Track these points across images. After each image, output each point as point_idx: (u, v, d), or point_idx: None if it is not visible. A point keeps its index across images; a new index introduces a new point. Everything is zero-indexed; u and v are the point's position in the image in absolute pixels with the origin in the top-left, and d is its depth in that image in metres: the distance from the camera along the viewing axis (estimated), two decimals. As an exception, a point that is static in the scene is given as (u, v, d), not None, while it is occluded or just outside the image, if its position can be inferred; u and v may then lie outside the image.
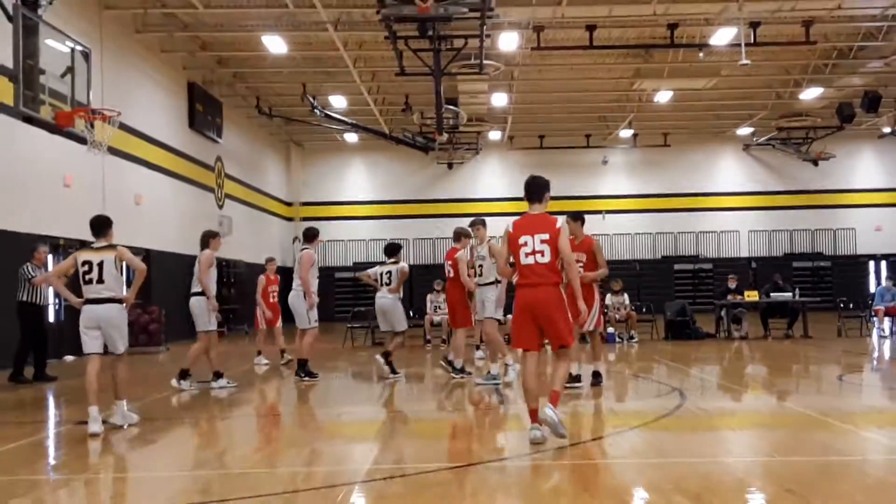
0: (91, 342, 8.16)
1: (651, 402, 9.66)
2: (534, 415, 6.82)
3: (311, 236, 12.12)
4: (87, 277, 8.13)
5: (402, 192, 35.92)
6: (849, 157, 35.50)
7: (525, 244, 6.86)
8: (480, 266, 11.33)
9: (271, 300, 15.14)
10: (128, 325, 8.43)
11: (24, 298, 12.61)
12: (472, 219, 12.28)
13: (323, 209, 35.66)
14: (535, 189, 7.17)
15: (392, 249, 12.65)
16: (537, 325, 6.84)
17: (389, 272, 12.16)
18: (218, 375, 11.33)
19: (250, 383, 12.41)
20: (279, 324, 15.13)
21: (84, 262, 8.16)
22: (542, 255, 6.79)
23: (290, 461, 6.84)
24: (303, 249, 11.89)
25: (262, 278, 15.24)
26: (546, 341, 7.03)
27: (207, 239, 11.46)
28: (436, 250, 35.03)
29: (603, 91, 27.84)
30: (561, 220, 6.94)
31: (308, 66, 24.32)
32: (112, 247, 8.26)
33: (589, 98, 28.81)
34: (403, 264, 12.40)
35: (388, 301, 12.09)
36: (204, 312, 11.13)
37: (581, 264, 9.73)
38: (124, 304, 8.29)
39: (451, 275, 12.48)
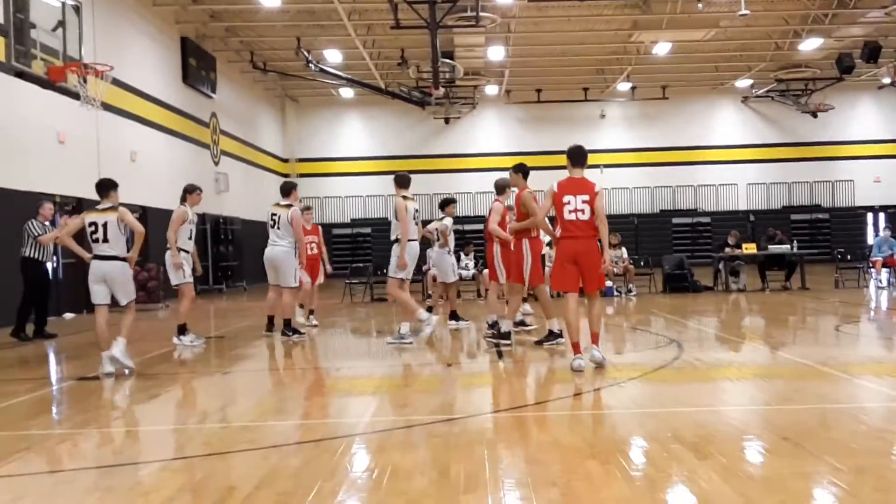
0: (98, 294, 8.88)
1: (649, 354, 9.71)
2: (576, 347, 8.05)
3: (288, 191, 11.94)
4: (93, 237, 8.82)
5: (399, 148, 35.74)
6: (848, 108, 35.34)
7: (568, 203, 8.11)
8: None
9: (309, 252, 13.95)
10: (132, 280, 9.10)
11: (29, 254, 12.54)
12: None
13: (319, 165, 35.54)
14: (580, 156, 8.43)
15: (442, 204, 13.40)
16: (578, 271, 8.07)
17: (436, 228, 12.90)
18: (182, 331, 11.27)
19: (254, 340, 12.45)
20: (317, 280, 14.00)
21: (90, 223, 8.84)
22: (583, 213, 8.06)
23: (290, 415, 6.89)
24: (288, 206, 11.62)
25: None
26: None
27: (185, 193, 11.32)
28: (433, 205, 34.95)
29: (600, 43, 27.59)
30: (599, 185, 8.27)
31: (302, 19, 24.04)
32: (114, 208, 8.85)
33: (586, 51, 28.56)
34: (443, 221, 12.80)
35: (434, 254, 13.20)
36: (170, 267, 11.12)
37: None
38: (127, 262, 8.89)
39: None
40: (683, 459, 4.88)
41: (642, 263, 20.39)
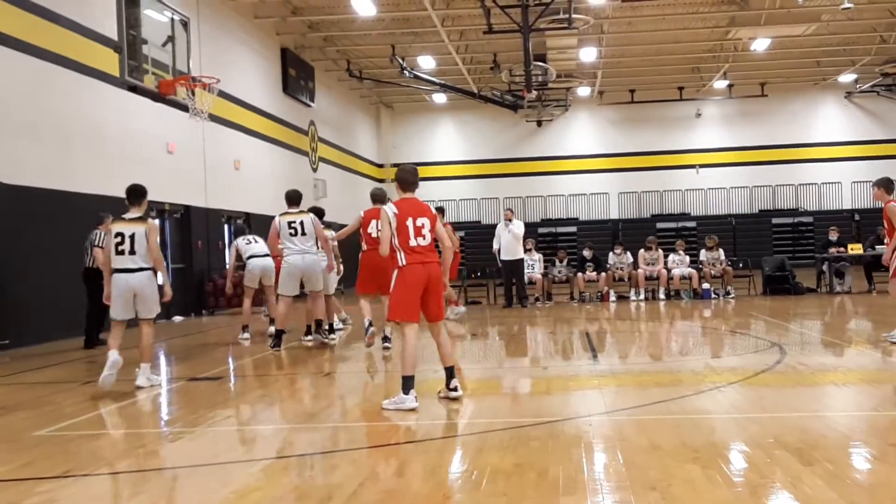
0: (119, 310, 8.43)
1: (750, 357, 9.53)
2: None
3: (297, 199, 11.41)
4: (119, 248, 8.34)
5: (492, 152, 35.85)
6: (960, 101, 33.67)
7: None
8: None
9: None
10: (155, 294, 8.56)
11: (91, 265, 12.38)
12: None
13: (413, 170, 35.93)
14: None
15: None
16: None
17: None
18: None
19: (343, 344, 12.73)
20: None
21: (117, 234, 8.37)
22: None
23: (388, 416, 7.06)
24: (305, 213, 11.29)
25: None
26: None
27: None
28: (526, 208, 34.94)
29: (696, 41, 27.05)
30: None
31: (396, 27, 24.40)
32: (143, 219, 8.50)
33: (681, 49, 28.05)
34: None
35: None
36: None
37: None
38: (153, 272, 8.51)
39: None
40: (787, 465, 4.81)
41: (741, 265, 19.92)
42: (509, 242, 17.25)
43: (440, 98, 33.84)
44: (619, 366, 9.60)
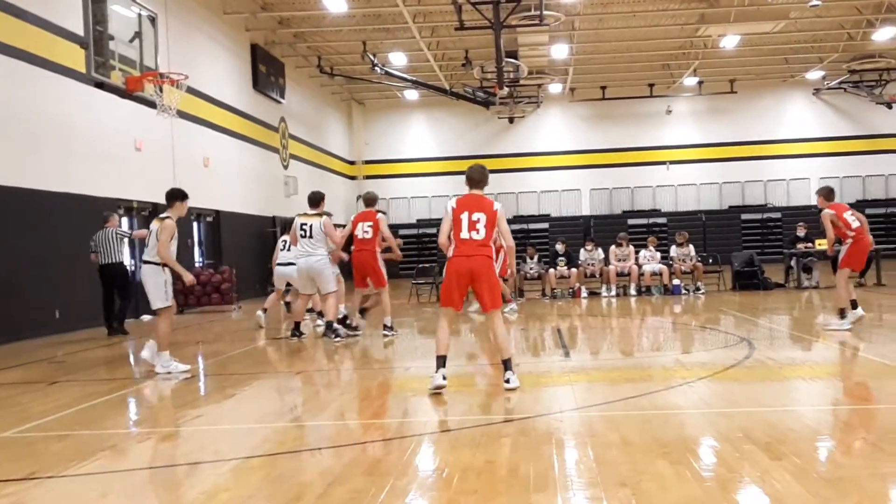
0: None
1: (719, 353, 9.61)
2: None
3: (317, 201, 11.78)
4: (146, 242, 9.47)
5: (464, 148, 35.84)
6: (925, 98, 34.16)
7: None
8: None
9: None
10: (169, 285, 9.29)
11: (107, 261, 13.23)
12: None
13: (385, 167, 35.88)
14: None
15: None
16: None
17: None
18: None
19: (314, 343, 12.67)
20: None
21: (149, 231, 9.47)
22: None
23: (361, 414, 7.03)
24: (318, 215, 11.56)
25: None
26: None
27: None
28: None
29: (666, 38, 27.26)
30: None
31: (368, 23, 24.32)
32: (162, 219, 9.26)
33: (652, 46, 28.24)
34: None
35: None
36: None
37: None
38: (162, 267, 9.14)
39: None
40: (756, 460, 4.85)
41: (710, 261, 20.09)
42: None
43: (412, 95, 33.79)
44: (591, 362, 9.64)
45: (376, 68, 25.79)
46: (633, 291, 18.23)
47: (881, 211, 34.06)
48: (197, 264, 20.06)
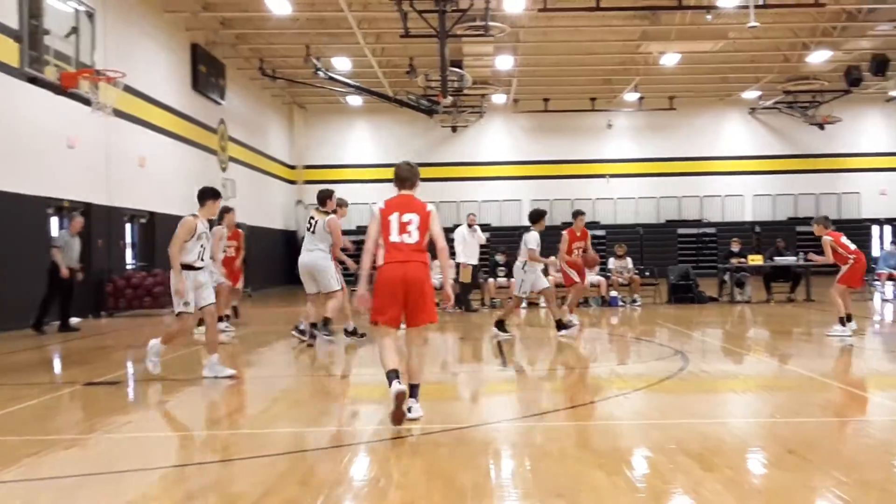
0: None
1: (654, 364, 9.72)
2: None
3: (323, 199, 11.78)
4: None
5: (406, 156, 35.51)
6: (855, 120, 35.26)
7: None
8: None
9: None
10: (176, 289, 8.64)
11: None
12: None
13: (326, 172, 35.58)
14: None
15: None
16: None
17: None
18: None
19: (254, 345, 12.47)
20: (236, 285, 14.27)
21: None
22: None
23: (297, 422, 6.91)
24: (326, 213, 11.55)
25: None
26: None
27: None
28: (439, 214, 34.96)
29: (609, 53, 27.62)
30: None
31: (312, 27, 24.13)
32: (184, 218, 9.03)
33: (595, 61, 28.59)
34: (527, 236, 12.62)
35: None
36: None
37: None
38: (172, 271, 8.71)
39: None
40: (689, 471, 4.90)
41: (647, 274, 20.38)
42: (473, 247, 17.55)
43: (355, 100, 33.64)
44: (528, 372, 9.67)
45: (319, 72, 25.59)
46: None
47: (812, 228, 34.90)
48: (129, 267, 19.61)
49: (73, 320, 16.05)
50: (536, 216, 12.53)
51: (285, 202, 34.22)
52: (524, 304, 18.44)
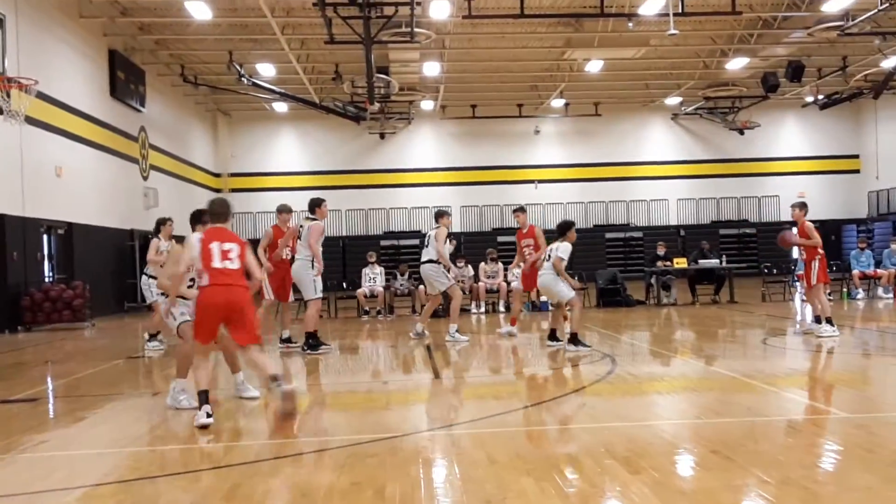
0: None
1: (583, 368, 9.79)
2: None
3: (314, 206, 11.82)
4: None
5: (334, 163, 35.54)
6: (773, 125, 36.36)
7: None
8: None
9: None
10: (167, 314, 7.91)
11: None
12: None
13: (252, 180, 35.12)
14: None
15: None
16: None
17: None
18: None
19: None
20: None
21: None
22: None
23: (222, 436, 6.75)
24: (311, 219, 11.60)
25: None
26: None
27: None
28: (368, 221, 34.87)
29: (535, 60, 27.91)
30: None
31: (234, 32, 23.79)
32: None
33: (521, 67, 28.86)
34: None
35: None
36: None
37: None
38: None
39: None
40: (616, 474, 4.93)
41: (576, 278, 20.52)
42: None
43: (281, 107, 33.27)
44: (459, 379, 9.64)
45: (243, 79, 25.24)
46: (501, 308, 18.45)
47: (734, 231, 35.92)
48: (47, 279, 18.97)
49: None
50: (566, 227, 11.78)
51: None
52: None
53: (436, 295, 13.01)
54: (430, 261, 12.60)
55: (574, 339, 11.02)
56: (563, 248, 11.42)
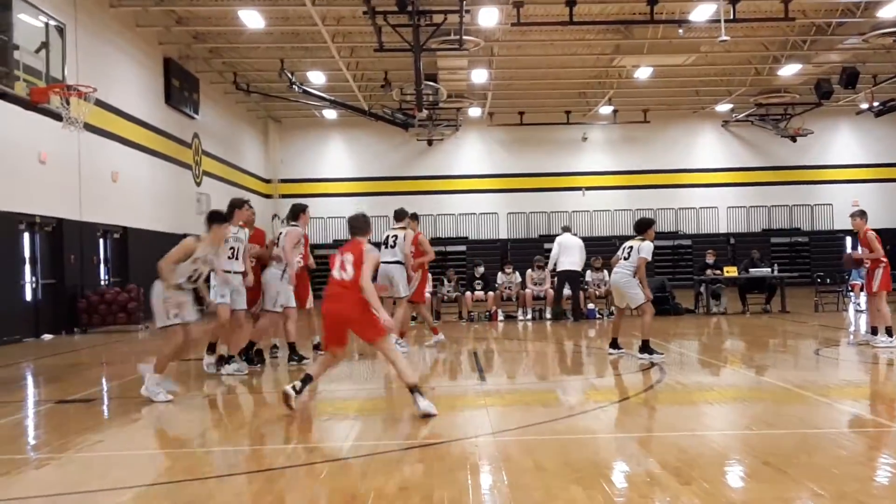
0: None
1: (631, 377, 9.73)
2: None
3: (296, 213, 11.39)
4: None
5: (381, 169, 35.78)
6: (826, 133, 35.71)
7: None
8: None
9: None
10: (159, 305, 8.31)
11: None
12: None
13: (301, 186, 35.48)
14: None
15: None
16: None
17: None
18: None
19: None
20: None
21: None
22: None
23: (273, 439, 6.84)
24: (291, 225, 11.18)
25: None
26: None
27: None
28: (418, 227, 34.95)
29: (583, 67, 27.80)
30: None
31: (286, 41, 24.09)
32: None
33: (569, 74, 28.76)
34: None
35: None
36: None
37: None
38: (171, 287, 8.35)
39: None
40: (666, 485, 4.89)
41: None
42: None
43: (330, 114, 33.59)
44: (506, 386, 9.64)
45: (294, 86, 25.55)
46: (548, 315, 18.39)
47: (785, 240, 35.35)
48: (102, 282, 19.39)
49: (46, 337, 15.88)
50: (646, 225, 11.46)
51: (261, 216, 33.95)
52: (501, 317, 18.45)
53: (401, 298, 12.43)
54: (398, 262, 12.25)
55: (645, 347, 10.82)
56: (645, 248, 11.00)
